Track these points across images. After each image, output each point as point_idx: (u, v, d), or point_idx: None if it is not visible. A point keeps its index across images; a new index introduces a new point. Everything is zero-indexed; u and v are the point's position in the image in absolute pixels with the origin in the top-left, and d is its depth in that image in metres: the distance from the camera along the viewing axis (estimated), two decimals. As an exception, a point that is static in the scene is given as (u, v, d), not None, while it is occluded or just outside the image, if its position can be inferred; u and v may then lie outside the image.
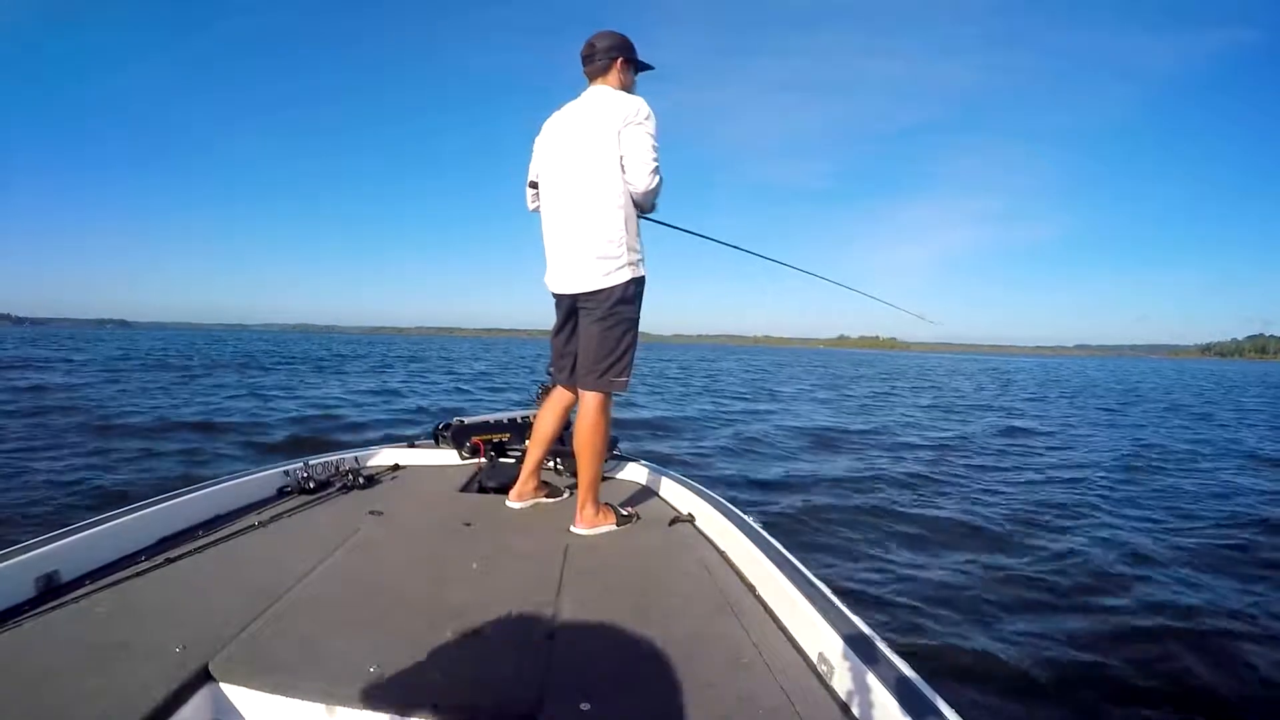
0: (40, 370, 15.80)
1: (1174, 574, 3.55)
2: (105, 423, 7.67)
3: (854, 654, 1.12)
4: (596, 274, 1.93)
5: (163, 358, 23.72)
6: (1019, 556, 3.82)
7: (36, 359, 20.62)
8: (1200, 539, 4.26)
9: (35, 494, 4.47)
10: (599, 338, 1.95)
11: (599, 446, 1.98)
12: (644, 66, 2.09)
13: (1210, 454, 8.16)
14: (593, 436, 1.97)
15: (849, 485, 5.58)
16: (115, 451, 6.09)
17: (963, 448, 8.16)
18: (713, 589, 1.58)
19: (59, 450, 5.99)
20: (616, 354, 1.95)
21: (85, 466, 5.40)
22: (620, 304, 1.94)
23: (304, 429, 7.90)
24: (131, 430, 7.30)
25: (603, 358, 1.95)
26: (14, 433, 6.81)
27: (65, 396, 10.19)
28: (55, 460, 5.56)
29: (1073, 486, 5.86)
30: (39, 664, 1.11)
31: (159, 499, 1.88)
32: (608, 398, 1.99)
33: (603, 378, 1.95)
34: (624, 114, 1.87)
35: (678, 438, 8.30)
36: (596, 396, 1.98)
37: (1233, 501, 5.43)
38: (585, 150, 1.92)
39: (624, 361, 1.96)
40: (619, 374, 1.96)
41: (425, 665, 1.16)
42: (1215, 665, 2.57)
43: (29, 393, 10.62)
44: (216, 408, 9.67)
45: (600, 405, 1.98)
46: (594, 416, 1.97)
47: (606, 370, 1.95)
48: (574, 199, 1.95)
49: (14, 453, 5.77)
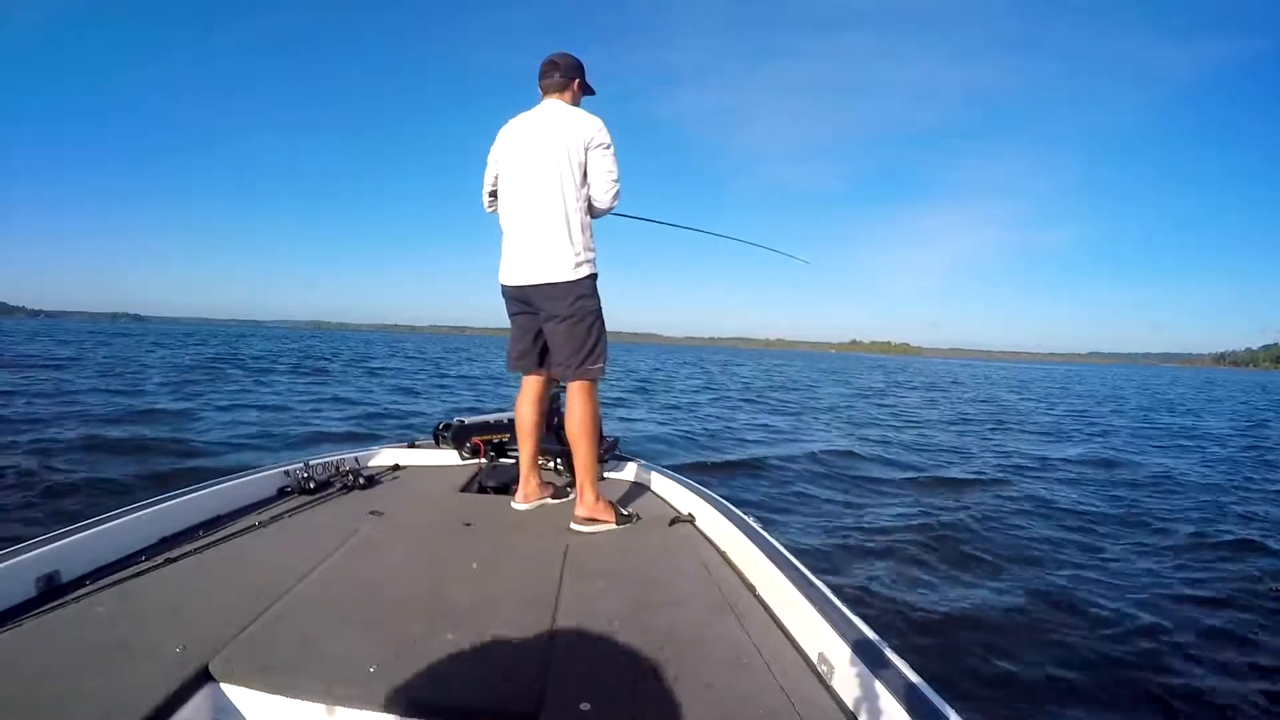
0: (263, 374, 15.12)
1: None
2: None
3: (854, 654, 1.12)
4: (562, 269, 2.06)
5: (301, 359, 23.29)
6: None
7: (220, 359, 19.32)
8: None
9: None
10: (567, 334, 2.08)
11: (591, 429, 2.09)
12: (590, 90, 2.28)
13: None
14: (584, 420, 2.08)
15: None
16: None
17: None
18: (713, 589, 1.58)
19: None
20: (589, 346, 2.09)
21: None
22: (583, 299, 2.08)
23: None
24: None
25: (576, 351, 2.08)
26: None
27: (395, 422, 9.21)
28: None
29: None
30: (39, 664, 1.11)
31: (159, 499, 1.88)
32: (590, 384, 2.11)
33: (580, 368, 2.09)
34: (590, 133, 2.06)
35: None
36: (579, 385, 2.11)
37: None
38: (550, 159, 2.06)
39: (597, 350, 2.10)
40: (594, 362, 2.10)
41: (425, 665, 1.16)
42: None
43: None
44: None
45: (586, 390, 2.11)
46: (582, 403, 2.10)
47: (583, 361, 2.09)
48: (538, 202, 2.08)
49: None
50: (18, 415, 7.52)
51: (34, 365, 15.11)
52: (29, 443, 5.88)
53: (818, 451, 7.46)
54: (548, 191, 2.06)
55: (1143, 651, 2.75)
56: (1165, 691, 2.45)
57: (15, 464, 4.99)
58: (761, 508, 4.74)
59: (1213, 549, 4.27)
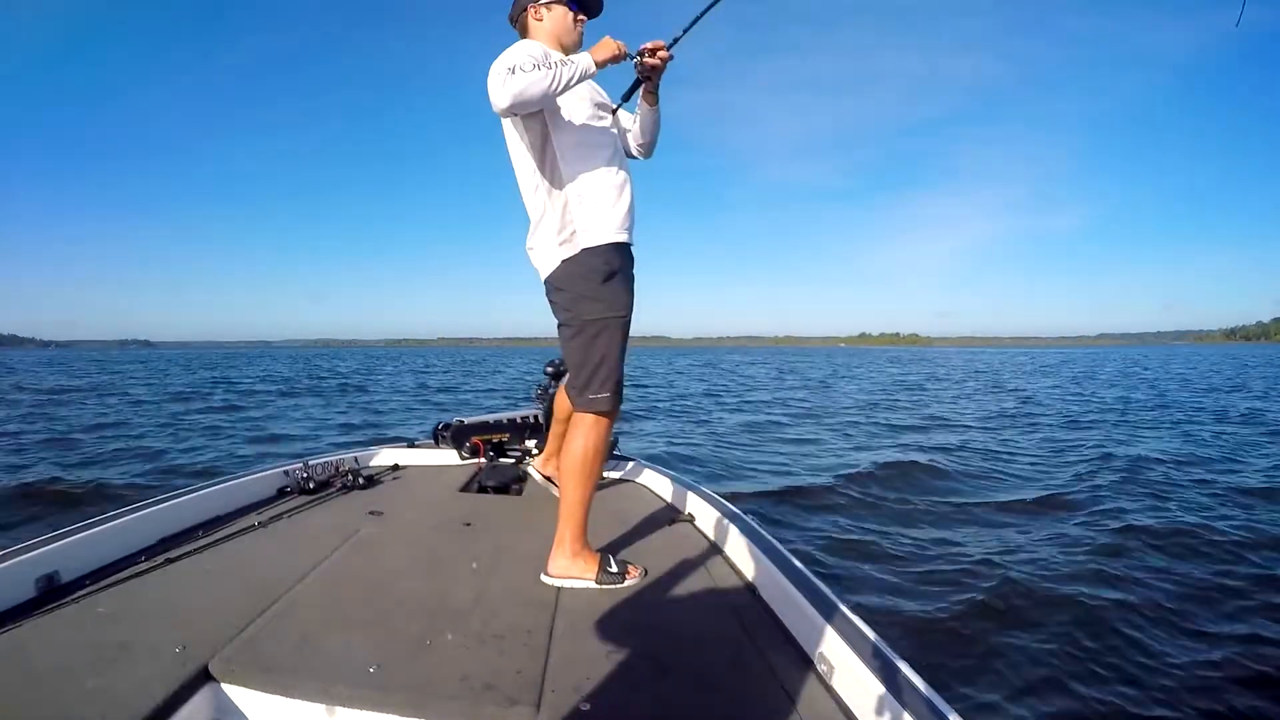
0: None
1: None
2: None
3: (855, 654, 1.12)
4: (538, 262, 1.69)
5: (345, 384, 20.67)
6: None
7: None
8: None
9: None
10: (567, 347, 1.67)
11: (582, 471, 1.64)
12: (587, 13, 1.73)
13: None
14: (576, 459, 1.64)
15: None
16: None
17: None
18: (713, 589, 1.58)
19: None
20: (589, 366, 1.61)
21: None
22: (580, 301, 1.61)
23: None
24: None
25: (576, 370, 1.64)
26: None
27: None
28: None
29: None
30: (39, 664, 1.11)
31: (159, 499, 1.88)
32: (598, 418, 1.64)
33: (581, 395, 1.63)
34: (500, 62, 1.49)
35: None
36: (583, 416, 1.65)
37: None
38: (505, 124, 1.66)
39: (598, 376, 1.61)
40: (595, 390, 1.61)
41: (424, 665, 1.16)
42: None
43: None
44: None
45: (587, 426, 1.64)
46: (581, 437, 1.64)
47: (584, 386, 1.62)
48: (518, 177, 1.72)
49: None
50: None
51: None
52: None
53: (875, 467, 6.01)
54: (514, 159, 1.68)
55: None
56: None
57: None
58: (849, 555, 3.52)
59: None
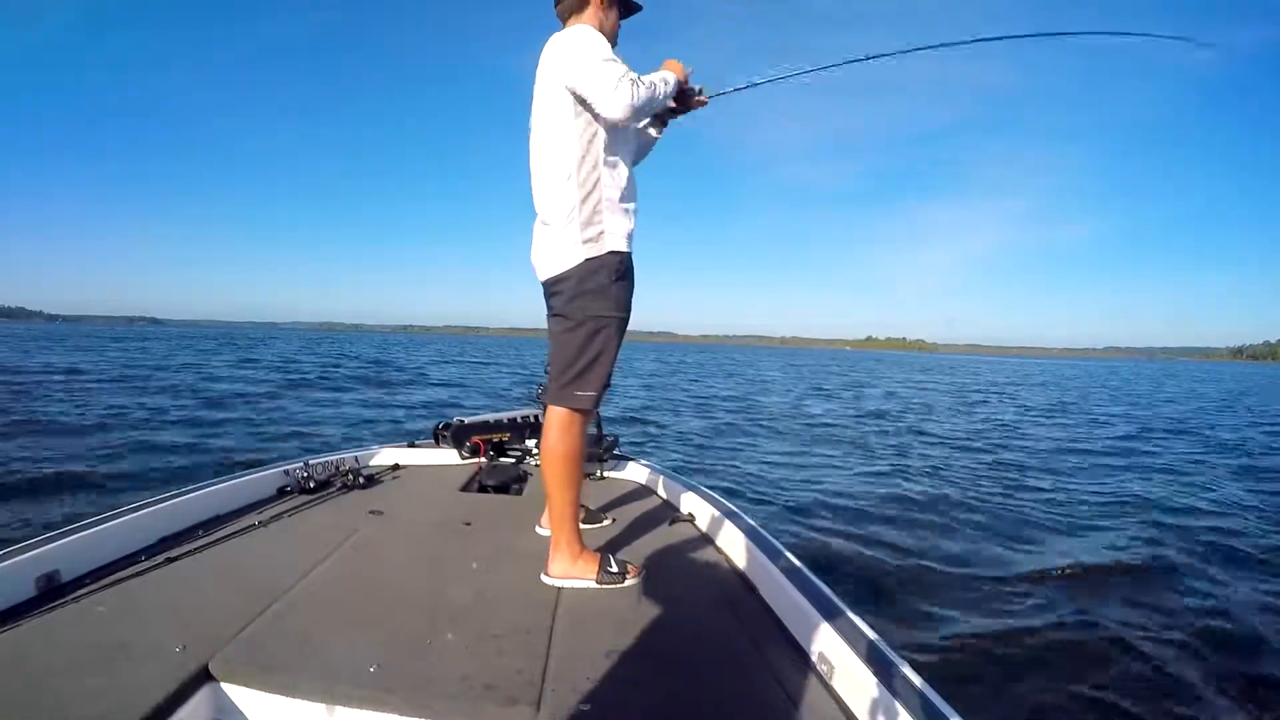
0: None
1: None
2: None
3: (854, 654, 1.12)
4: (549, 255, 1.63)
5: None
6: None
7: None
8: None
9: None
10: (560, 339, 1.62)
11: (564, 473, 1.60)
12: (633, 7, 1.72)
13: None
14: (556, 462, 1.60)
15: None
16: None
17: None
18: (713, 589, 1.58)
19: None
20: (581, 362, 1.58)
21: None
22: (584, 296, 1.56)
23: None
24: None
25: (565, 366, 1.60)
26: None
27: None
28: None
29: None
30: (39, 664, 1.11)
31: (159, 499, 1.88)
32: (575, 414, 1.61)
33: (564, 390, 1.59)
34: (567, 44, 1.51)
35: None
36: (559, 412, 1.61)
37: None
38: (537, 106, 1.62)
39: (590, 373, 1.59)
40: (582, 387, 1.59)
41: (425, 665, 1.16)
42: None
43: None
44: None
45: (563, 423, 1.60)
46: (555, 436, 1.60)
47: (569, 382, 1.59)
48: (533, 164, 1.66)
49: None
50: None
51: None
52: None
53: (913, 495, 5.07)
54: (536, 148, 1.64)
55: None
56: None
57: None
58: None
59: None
